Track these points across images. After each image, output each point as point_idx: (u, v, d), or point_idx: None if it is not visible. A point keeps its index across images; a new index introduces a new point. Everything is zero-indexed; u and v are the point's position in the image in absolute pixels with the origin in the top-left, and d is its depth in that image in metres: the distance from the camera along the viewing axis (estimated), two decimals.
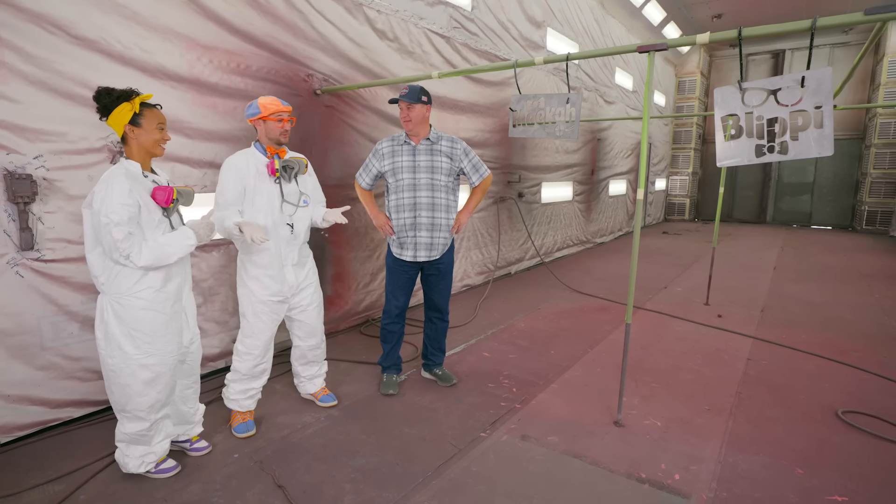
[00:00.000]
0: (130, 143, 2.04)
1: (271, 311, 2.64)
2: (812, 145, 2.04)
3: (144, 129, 2.03)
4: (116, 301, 2.02)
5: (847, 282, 6.39)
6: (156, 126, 2.06)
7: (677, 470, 2.34)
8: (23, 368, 2.48)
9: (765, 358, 3.77)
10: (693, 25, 11.55)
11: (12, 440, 2.49)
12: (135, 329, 2.03)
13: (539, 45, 6.62)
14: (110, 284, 2.02)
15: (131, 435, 2.15)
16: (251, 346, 2.63)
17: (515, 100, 2.93)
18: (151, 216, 2.02)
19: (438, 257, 3.00)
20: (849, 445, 2.58)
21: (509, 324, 4.54)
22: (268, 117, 2.51)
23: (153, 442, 2.20)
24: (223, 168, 2.51)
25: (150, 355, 2.07)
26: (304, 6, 3.62)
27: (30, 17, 2.35)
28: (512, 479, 2.27)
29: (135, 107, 1.99)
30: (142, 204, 1.98)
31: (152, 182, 2.08)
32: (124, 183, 1.93)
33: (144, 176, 2.06)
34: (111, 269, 2.01)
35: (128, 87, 2.03)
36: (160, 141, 2.10)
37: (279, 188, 2.59)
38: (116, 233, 1.89)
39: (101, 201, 1.90)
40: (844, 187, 12.32)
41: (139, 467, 2.19)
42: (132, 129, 2.02)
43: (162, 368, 2.12)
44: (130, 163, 2.04)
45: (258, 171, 2.52)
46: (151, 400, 2.12)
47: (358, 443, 2.55)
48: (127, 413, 2.12)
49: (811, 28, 1.98)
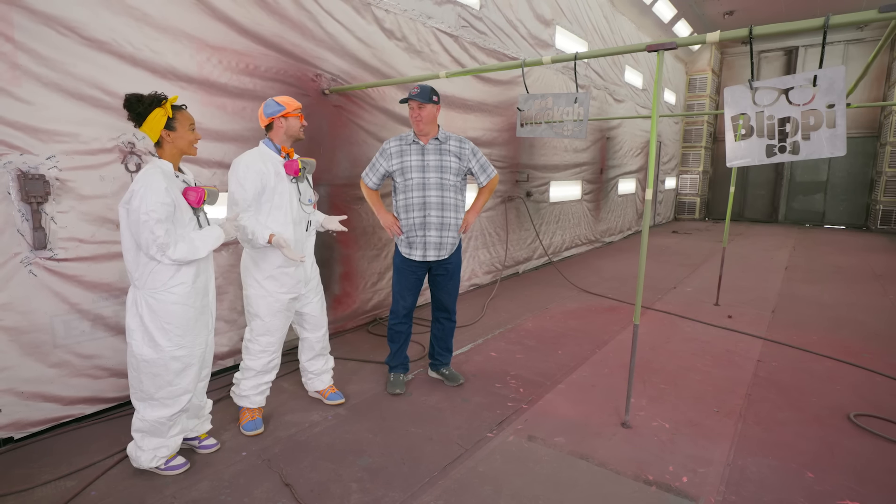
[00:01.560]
0: (165, 147, 2.11)
1: (287, 308, 2.68)
2: (824, 145, 2.01)
3: (179, 132, 2.11)
4: (151, 296, 2.09)
5: (860, 282, 6.29)
6: (188, 127, 2.14)
7: (685, 472, 2.33)
8: (35, 365, 2.52)
9: (775, 359, 3.73)
10: (704, 22, 11.42)
11: (25, 436, 2.53)
12: (168, 322, 2.11)
13: (548, 43, 6.59)
14: (145, 280, 2.09)
15: (151, 423, 2.19)
16: (266, 343, 2.67)
17: (523, 99, 2.92)
18: (183, 214, 2.11)
19: (447, 257, 3.00)
20: (860, 449, 2.55)
21: (517, 323, 4.54)
22: (291, 113, 2.57)
23: (169, 434, 2.24)
24: (239, 168, 2.48)
25: (182, 347, 2.16)
26: (312, 6, 3.63)
27: (43, 20, 2.38)
28: (518, 479, 2.27)
29: (168, 111, 2.05)
30: (175, 202, 2.06)
31: (183, 182, 2.16)
32: (162, 182, 2.00)
33: (176, 176, 2.14)
34: (146, 265, 2.07)
35: (153, 91, 2.07)
36: (194, 141, 2.18)
37: (297, 187, 2.62)
38: (157, 229, 1.97)
39: (140, 199, 1.97)
40: (858, 186, 12.13)
41: (151, 461, 2.22)
42: (168, 134, 2.09)
43: (191, 360, 2.21)
44: (164, 162, 2.11)
45: (276, 171, 2.55)
46: (181, 390, 2.21)
47: (365, 442, 2.56)
48: (154, 400, 2.18)
49: (824, 26, 1.95)
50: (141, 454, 2.22)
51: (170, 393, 2.19)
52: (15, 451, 2.44)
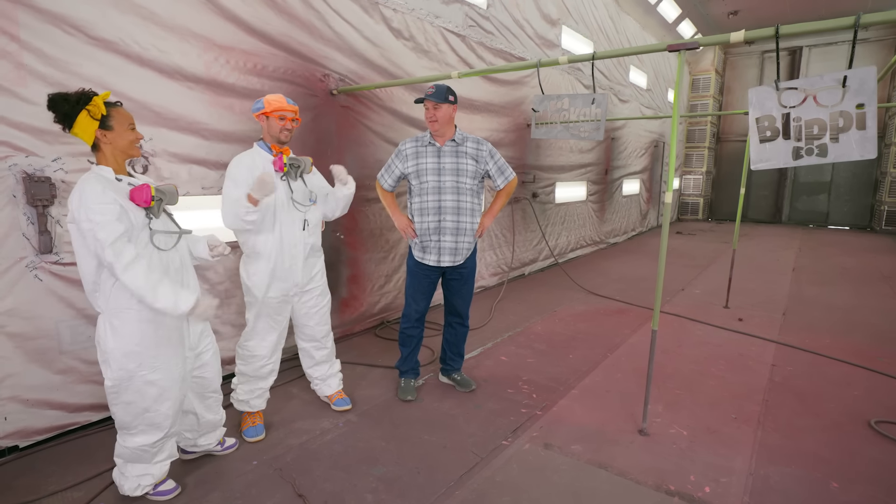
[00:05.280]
0: (103, 149, 1.88)
1: (274, 311, 2.60)
2: (854, 147, 1.95)
3: (117, 132, 1.87)
4: (114, 316, 1.90)
5: (868, 284, 6.24)
6: (127, 126, 1.91)
7: (707, 482, 2.27)
8: (41, 372, 2.46)
9: (790, 364, 3.68)
10: (708, 22, 11.37)
11: (31, 444, 2.48)
12: (137, 344, 1.91)
13: (554, 43, 6.53)
14: (107, 299, 1.89)
15: (132, 450, 2.01)
16: (253, 347, 2.60)
17: (538, 100, 2.87)
18: (135, 218, 1.86)
19: (462, 262, 2.94)
20: (884, 458, 2.49)
21: (525, 326, 4.48)
22: (270, 113, 2.51)
23: (154, 460, 2.07)
24: (232, 165, 2.48)
25: (156, 369, 1.96)
26: (320, 5, 3.57)
27: (49, 19, 2.32)
28: (537, 489, 2.21)
29: (101, 109, 1.82)
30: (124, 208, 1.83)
31: (128, 185, 1.91)
32: (95, 184, 1.78)
33: (118, 180, 1.89)
34: (105, 281, 1.87)
35: (80, 88, 1.84)
36: (135, 141, 1.94)
37: (287, 185, 2.56)
38: (101, 234, 1.74)
39: (77, 209, 1.76)
40: (863, 186, 12.08)
41: (135, 490, 2.05)
42: (104, 134, 1.85)
43: (169, 383, 2.00)
44: (101, 168, 1.88)
45: (266, 168, 2.50)
46: (161, 416, 2.01)
47: (378, 450, 2.51)
48: (132, 430, 2.00)
49: (854, 25, 1.90)
50: (124, 481, 2.06)
51: (148, 420, 1.98)
52: (20, 460, 2.39)
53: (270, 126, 2.54)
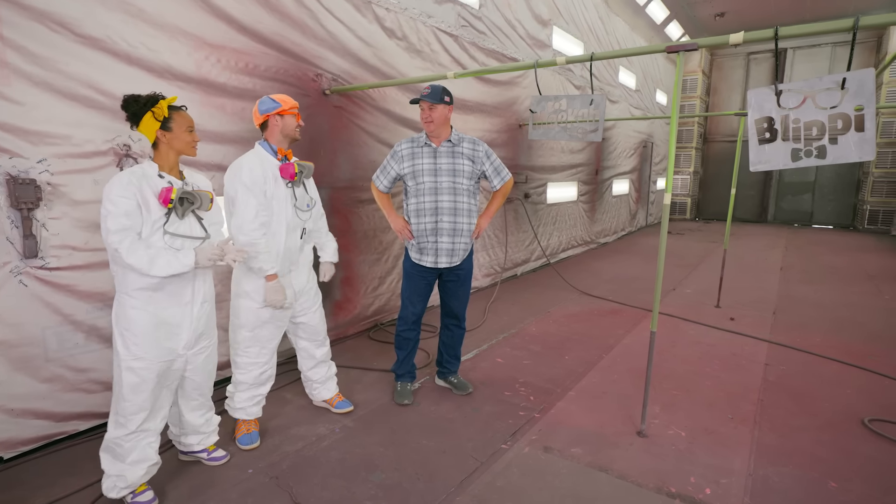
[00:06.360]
0: (161, 148, 2.04)
1: (277, 318, 2.57)
2: (852, 149, 1.96)
3: (175, 133, 2.03)
4: (120, 298, 2.02)
5: (855, 283, 6.34)
6: (185, 129, 2.06)
7: (707, 484, 2.27)
8: (26, 381, 2.38)
9: (782, 363, 3.71)
10: (696, 24, 11.50)
11: (15, 455, 2.39)
12: (126, 329, 2.00)
13: (545, 43, 6.53)
14: (119, 281, 2.01)
15: (108, 441, 2.04)
16: (255, 355, 2.56)
17: (535, 101, 2.85)
18: (149, 215, 1.94)
19: (459, 263, 2.91)
20: (880, 456, 2.52)
21: (520, 328, 4.47)
22: (287, 111, 2.44)
23: (127, 459, 2.03)
24: (237, 180, 2.35)
25: (138, 358, 2.00)
26: (313, 4, 3.52)
27: (33, 15, 2.24)
28: (538, 494, 2.19)
29: (164, 111, 1.99)
30: (141, 202, 1.92)
31: (168, 182, 2.02)
32: (124, 177, 1.93)
33: (160, 176, 2.01)
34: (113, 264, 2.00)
35: (152, 91, 2.00)
36: (192, 143, 2.09)
37: (292, 192, 2.51)
38: (110, 223, 1.88)
39: (104, 196, 1.91)
40: (846, 186, 12.30)
41: (111, 490, 2.04)
42: (164, 134, 2.01)
43: (148, 375, 2.01)
44: (148, 163, 2.03)
45: (273, 175, 2.43)
46: (134, 407, 2.01)
47: (376, 456, 2.47)
48: (114, 415, 2.05)
49: (853, 28, 1.91)
50: (105, 479, 2.05)
51: (122, 410, 2.01)
52: (5, 472, 2.30)
53: (286, 125, 2.46)
